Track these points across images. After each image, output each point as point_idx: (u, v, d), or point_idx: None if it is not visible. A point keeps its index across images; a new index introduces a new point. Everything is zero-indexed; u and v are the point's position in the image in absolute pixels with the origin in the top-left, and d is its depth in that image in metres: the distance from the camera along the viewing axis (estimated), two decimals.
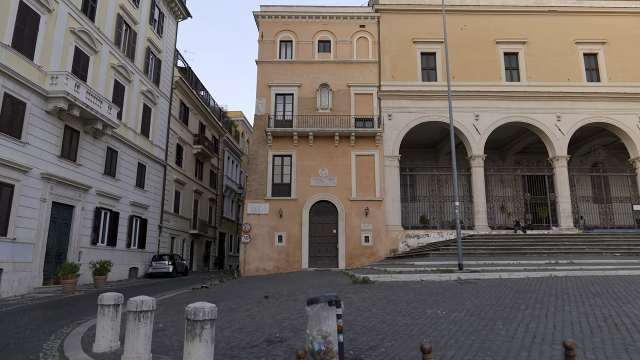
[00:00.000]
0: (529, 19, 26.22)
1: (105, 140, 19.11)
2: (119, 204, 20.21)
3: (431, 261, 12.94)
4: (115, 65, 19.87)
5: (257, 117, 24.64)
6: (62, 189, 16.06)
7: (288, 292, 10.52)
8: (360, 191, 23.50)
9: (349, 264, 22.46)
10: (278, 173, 23.97)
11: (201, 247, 32.80)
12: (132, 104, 21.73)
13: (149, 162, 23.49)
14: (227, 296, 10.73)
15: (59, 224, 16.18)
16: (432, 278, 10.74)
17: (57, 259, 16.13)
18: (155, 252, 24.20)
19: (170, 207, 26.55)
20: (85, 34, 17.45)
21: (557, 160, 24.44)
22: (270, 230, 22.86)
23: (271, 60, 25.37)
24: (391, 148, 24.27)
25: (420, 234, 23.27)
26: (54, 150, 15.78)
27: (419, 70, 25.37)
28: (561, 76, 25.40)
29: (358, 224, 23.00)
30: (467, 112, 24.79)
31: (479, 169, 24.24)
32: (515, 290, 9.00)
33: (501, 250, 14.37)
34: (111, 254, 19.42)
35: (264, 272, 22.26)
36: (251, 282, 15.85)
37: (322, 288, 10.67)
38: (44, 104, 15.18)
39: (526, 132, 27.49)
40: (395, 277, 10.81)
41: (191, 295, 11.76)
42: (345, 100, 24.89)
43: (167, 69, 26.16)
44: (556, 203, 24.29)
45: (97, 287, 16.38)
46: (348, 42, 25.75)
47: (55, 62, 15.81)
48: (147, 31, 23.46)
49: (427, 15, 26.10)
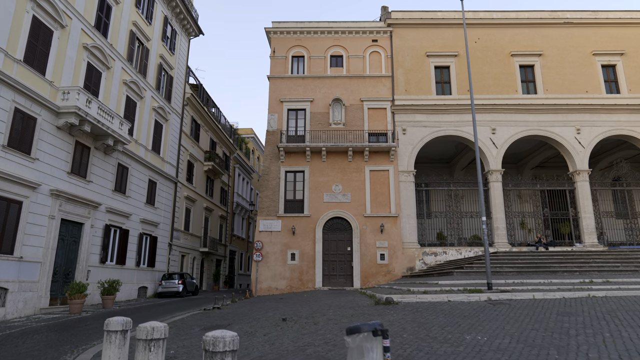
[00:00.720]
0: (543, 31, 25.81)
1: (116, 156, 18.83)
2: (128, 222, 19.80)
3: (456, 280, 12.19)
4: (128, 81, 19.76)
5: (269, 132, 24.30)
6: (71, 206, 15.69)
7: (306, 314, 9.84)
8: (374, 207, 22.83)
9: (364, 282, 21.64)
10: (290, 189, 23.46)
11: (211, 265, 32.18)
12: (144, 120, 21.54)
13: (160, 178, 23.17)
14: (242, 318, 10.08)
15: (67, 242, 15.75)
16: (460, 298, 10.00)
17: (65, 278, 15.64)
18: (165, 270, 23.64)
19: (181, 224, 26.09)
20: (97, 49, 17.38)
21: (578, 174, 23.60)
22: (283, 248, 22.21)
23: (283, 75, 25.18)
24: (406, 163, 23.69)
25: (438, 252, 22.43)
26: (64, 167, 15.48)
27: (433, 84, 24.97)
28: (579, 88, 24.79)
29: (373, 241, 22.26)
30: (483, 125, 24.18)
31: (497, 183, 23.48)
32: (556, 312, 8.23)
33: (529, 268, 13.56)
34: (120, 272, 18.91)
35: (276, 291, 21.52)
36: (264, 302, 15.16)
37: (342, 310, 9.98)
38: (54, 119, 14.96)
39: (544, 146, 26.77)
40: (421, 297, 10.09)
41: (203, 317, 11.12)
42: (359, 115, 24.49)
43: (179, 86, 26.10)
44: (578, 219, 23.34)
45: (105, 307, 15.80)
46: (360, 57, 25.51)
47: (67, 77, 15.67)
48: (160, 48, 23.47)
49: (440, 28, 25.84)
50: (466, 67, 25.15)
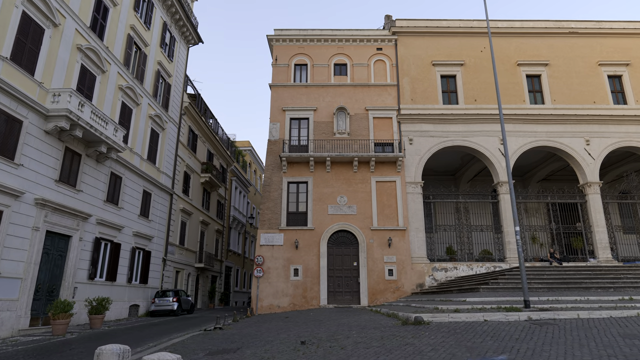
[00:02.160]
0: (549, 41, 25.41)
1: (109, 164, 17.65)
2: (121, 235, 18.48)
3: (484, 297, 11.12)
4: (124, 86, 18.73)
5: (270, 142, 23.31)
6: (58, 217, 14.41)
7: (326, 336, 8.67)
8: (381, 220, 21.78)
9: (372, 300, 20.41)
10: (293, 201, 22.35)
11: (207, 282, 30.67)
12: (140, 128, 20.44)
13: (155, 189, 21.94)
14: (251, 341, 8.86)
15: (52, 256, 14.41)
16: (498, 318, 8.92)
17: (49, 295, 14.25)
18: (159, 287, 22.19)
19: (176, 238, 24.74)
20: (92, 52, 16.38)
21: (589, 186, 22.86)
22: (285, 263, 20.97)
23: (285, 84, 24.36)
24: (413, 174, 22.78)
25: (448, 267, 21.34)
26: (52, 174, 14.26)
27: (440, 93, 24.29)
28: (587, 99, 24.27)
29: (380, 255, 21.13)
30: (491, 135, 23.47)
31: (508, 195, 22.60)
32: (616, 334, 7.19)
33: (559, 284, 12.57)
34: (110, 289, 17.50)
35: (278, 309, 20.18)
36: (270, 321, 13.89)
37: (366, 331, 8.82)
38: (43, 123, 13.81)
39: (551, 158, 26.10)
40: (454, 316, 8.98)
41: (206, 339, 9.86)
42: (364, 124, 23.65)
43: (177, 94, 25.12)
44: (591, 233, 22.48)
45: (93, 327, 14.39)
46: (365, 65, 24.83)
47: (58, 79, 14.59)
48: (158, 54, 22.55)
49: (446, 37, 25.33)
50: (473, 76, 24.67)
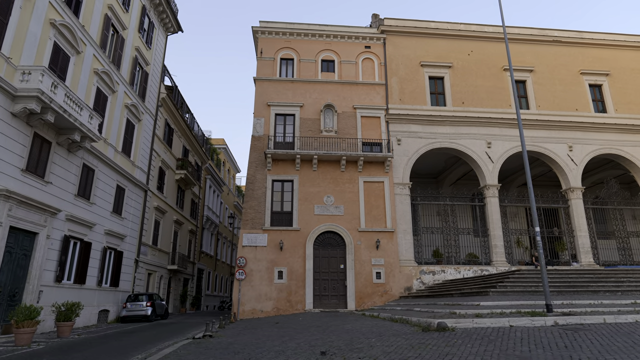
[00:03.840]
0: (534, 48, 25.76)
1: (81, 155, 16.04)
2: (92, 233, 16.86)
3: (498, 301, 10.64)
4: (99, 70, 17.17)
5: (254, 138, 22.22)
6: (23, 211, 12.80)
7: (343, 344, 7.82)
8: (369, 221, 21.16)
9: (359, 304, 19.70)
10: (278, 200, 21.35)
11: (179, 285, 29.00)
12: (115, 118, 18.86)
13: (129, 185, 20.34)
14: (257, 351, 7.88)
15: (15, 256, 12.77)
16: (524, 323, 8.39)
17: (10, 300, 12.59)
18: (130, 291, 20.55)
19: (149, 238, 23.11)
20: (67, 29, 14.82)
21: (572, 191, 23.22)
22: (269, 265, 19.92)
23: (271, 78, 23.36)
24: (401, 175, 22.33)
25: (436, 270, 20.98)
26: (18, 162, 12.66)
27: (428, 94, 24.04)
28: (569, 106, 24.74)
29: (368, 258, 20.48)
30: (478, 138, 23.41)
31: (494, 199, 22.59)
32: None
33: (565, 287, 12.33)
34: (78, 293, 15.86)
35: (261, 313, 19.10)
36: (260, 327, 12.86)
37: (386, 338, 8.03)
38: (9, 104, 12.23)
39: (535, 162, 26.33)
40: (477, 322, 8.39)
41: (200, 348, 8.76)
42: (351, 122, 23.00)
43: (154, 84, 23.56)
44: (574, 237, 22.81)
45: (61, 336, 12.83)
46: (353, 63, 24.23)
47: (28, 56, 13.02)
48: (136, 39, 21.01)
49: (435, 39, 25.16)
50: (461, 79, 24.57)
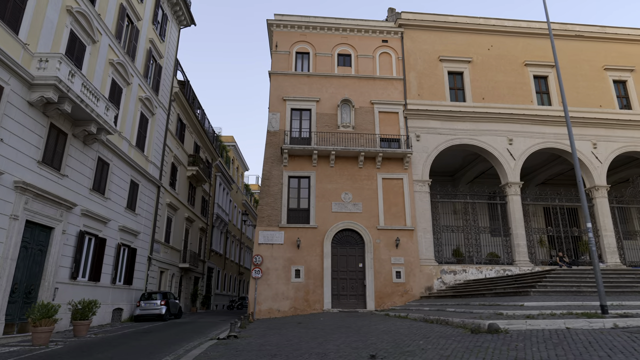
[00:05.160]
0: (556, 43, 25.01)
1: (96, 148, 15.56)
2: (106, 229, 16.37)
3: (543, 302, 10.06)
4: (114, 61, 16.68)
5: (270, 133, 21.69)
6: (39, 205, 12.31)
7: (390, 347, 7.26)
8: (388, 219, 20.56)
9: (379, 304, 19.12)
10: (294, 197, 20.80)
11: (189, 283, 28.53)
12: (129, 111, 18.38)
13: (143, 180, 19.86)
14: (297, 354, 7.33)
15: (31, 251, 12.29)
16: (581, 325, 7.81)
17: (26, 297, 12.11)
18: (143, 289, 20.07)
19: (161, 235, 22.63)
20: (83, 17, 14.34)
21: (596, 190, 22.52)
22: (286, 264, 19.38)
23: (286, 72, 22.82)
24: (420, 172, 21.73)
25: (457, 270, 20.36)
26: (34, 154, 12.18)
27: (447, 90, 23.41)
28: (593, 102, 24.04)
29: (388, 257, 19.89)
30: (499, 135, 22.77)
31: (516, 197, 21.94)
32: None
33: (607, 288, 11.73)
34: (93, 291, 15.38)
35: (278, 313, 18.56)
36: (283, 327, 12.32)
37: (435, 341, 7.46)
38: (26, 92, 11.75)
39: (555, 161, 25.74)
40: (531, 323, 7.82)
41: (229, 351, 8.21)
42: (369, 118, 22.42)
43: (167, 78, 23.08)
44: (599, 237, 22.11)
45: (78, 335, 12.34)
46: (370, 57, 23.65)
47: (45, 43, 12.54)
48: (150, 31, 20.53)
49: (453, 33, 24.54)
50: (480, 74, 23.93)
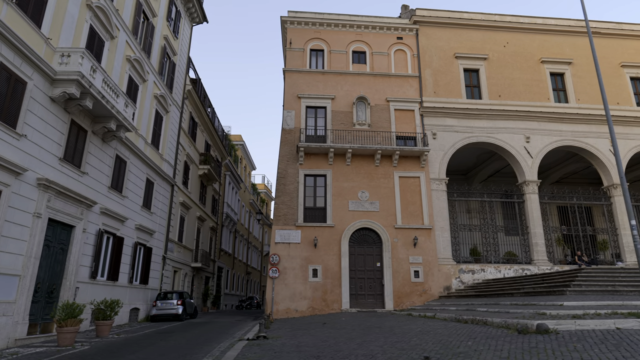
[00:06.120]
0: (572, 40, 24.81)
1: (114, 146, 15.34)
2: (124, 227, 16.15)
3: (581, 301, 9.81)
4: (131, 58, 16.46)
5: (285, 131, 21.45)
6: (61, 203, 12.09)
7: (438, 347, 7.01)
8: (405, 218, 20.32)
9: (397, 304, 18.88)
10: (310, 195, 20.56)
11: (201, 283, 28.32)
12: (145, 108, 18.16)
13: (158, 178, 19.64)
14: (340, 356, 7.08)
15: (53, 250, 12.07)
16: (631, 325, 7.58)
17: (48, 297, 11.90)
18: (158, 288, 19.86)
19: (175, 234, 22.41)
20: (102, 12, 14.11)
21: (614, 188, 22.24)
22: (303, 263, 19.14)
23: (301, 69, 22.57)
24: (437, 170, 21.49)
25: (475, 269, 20.11)
26: (56, 151, 11.96)
27: (463, 87, 23.14)
28: (610, 99, 23.69)
29: (406, 256, 19.65)
30: (516, 133, 22.50)
31: (534, 195, 21.68)
32: None
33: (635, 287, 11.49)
34: (111, 291, 15.17)
35: (296, 313, 18.32)
36: (310, 328, 12.08)
37: (483, 342, 7.21)
38: (49, 88, 11.53)
39: (570, 159, 25.46)
40: (580, 323, 7.58)
41: (266, 352, 7.98)
42: (385, 116, 22.17)
43: (180, 76, 22.86)
44: (617, 236, 21.85)
45: (100, 335, 12.13)
46: (385, 54, 23.39)
47: (66, 38, 12.31)
48: (164, 28, 20.30)
49: (469, 30, 24.27)
50: (497, 71, 23.65)
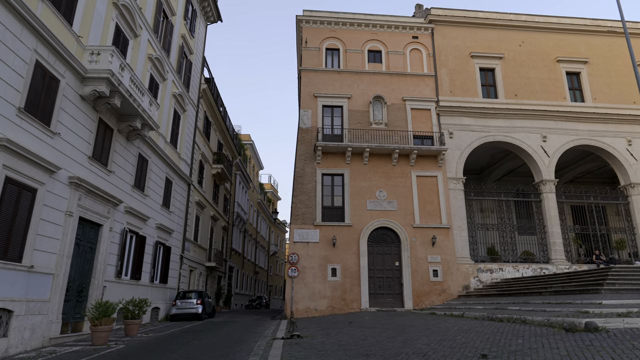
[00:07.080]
0: (588, 39, 24.74)
1: (137, 144, 15.32)
2: (146, 227, 16.13)
3: (619, 299, 9.76)
4: (153, 57, 16.44)
5: (302, 130, 21.42)
6: (90, 201, 12.07)
7: (488, 345, 6.97)
8: (423, 217, 20.28)
9: (417, 303, 18.84)
10: (328, 194, 20.53)
11: (214, 282, 28.31)
12: (164, 107, 18.15)
13: (176, 177, 19.63)
14: (390, 354, 7.05)
15: (82, 249, 12.06)
16: None
17: (78, 296, 11.88)
18: (176, 288, 19.85)
19: (191, 234, 22.40)
20: (127, 10, 14.08)
21: (632, 187, 22.18)
22: (322, 262, 19.11)
23: (317, 68, 22.54)
24: (454, 169, 21.44)
25: (493, 268, 20.06)
26: (86, 149, 11.94)
27: (479, 86, 23.09)
28: (627, 98, 23.68)
29: (424, 255, 19.61)
30: (533, 132, 22.45)
31: (551, 194, 21.63)
32: None
33: None
34: (135, 289, 15.15)
35: (315, 312, 18.30)
36: (337, 327, 12.04)
37: (530, 339, 7.16)
38: (79, 86, 11.50)
39: (585, 158, 25.38)
40: (628, 322, 7.58)
41: (309, 351, 7.94)
42: (401, 115, 22.13)
43: (196, 75, 22.84)
44: (634, 235, 21.79)
45: (130, 334, 12.11)
46: (401, 53, 23.34)
47: (95, 36, 12.29)
48: (182, 27, 20.28)
49: (484, 29, 24.21)
50: (512, 70, 23.61)
